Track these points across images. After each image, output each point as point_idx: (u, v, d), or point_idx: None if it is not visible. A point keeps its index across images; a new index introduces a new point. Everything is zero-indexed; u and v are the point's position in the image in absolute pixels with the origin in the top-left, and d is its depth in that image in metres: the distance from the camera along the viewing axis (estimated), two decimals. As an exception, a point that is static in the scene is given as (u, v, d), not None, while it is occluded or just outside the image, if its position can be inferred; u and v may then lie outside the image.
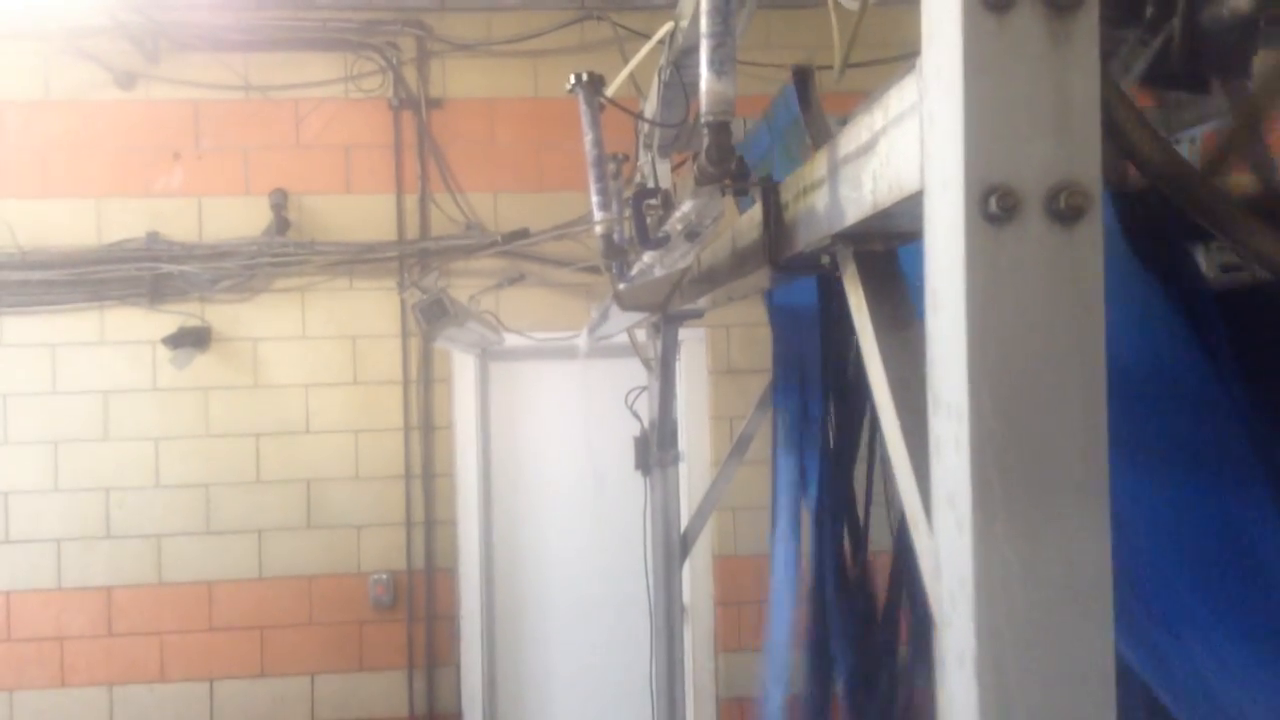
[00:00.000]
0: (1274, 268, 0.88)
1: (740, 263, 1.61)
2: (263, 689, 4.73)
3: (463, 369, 4.87)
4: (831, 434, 2.30)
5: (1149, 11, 1.40)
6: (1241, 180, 1.20)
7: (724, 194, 1.42)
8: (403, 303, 4.66)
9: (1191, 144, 2.09)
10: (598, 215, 2.69)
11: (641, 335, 3.34)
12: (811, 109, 1.66)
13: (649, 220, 2.14)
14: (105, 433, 4.69)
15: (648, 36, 2.35)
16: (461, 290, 4.65)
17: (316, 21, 4.76)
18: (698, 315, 2.89)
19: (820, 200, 1.08)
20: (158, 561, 4.70)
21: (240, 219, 4.75)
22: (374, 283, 4.81)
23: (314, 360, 4.78)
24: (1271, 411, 0.97)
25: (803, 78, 1.66)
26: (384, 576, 4.76)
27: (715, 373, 4.90)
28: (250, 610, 4.73)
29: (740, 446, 3.02)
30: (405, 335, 4.78)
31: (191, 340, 4.64)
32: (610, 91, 2.52)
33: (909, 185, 0.80)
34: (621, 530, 4.63)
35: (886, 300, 1.00)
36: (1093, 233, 0.67)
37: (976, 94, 0.67)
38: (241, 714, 4.72)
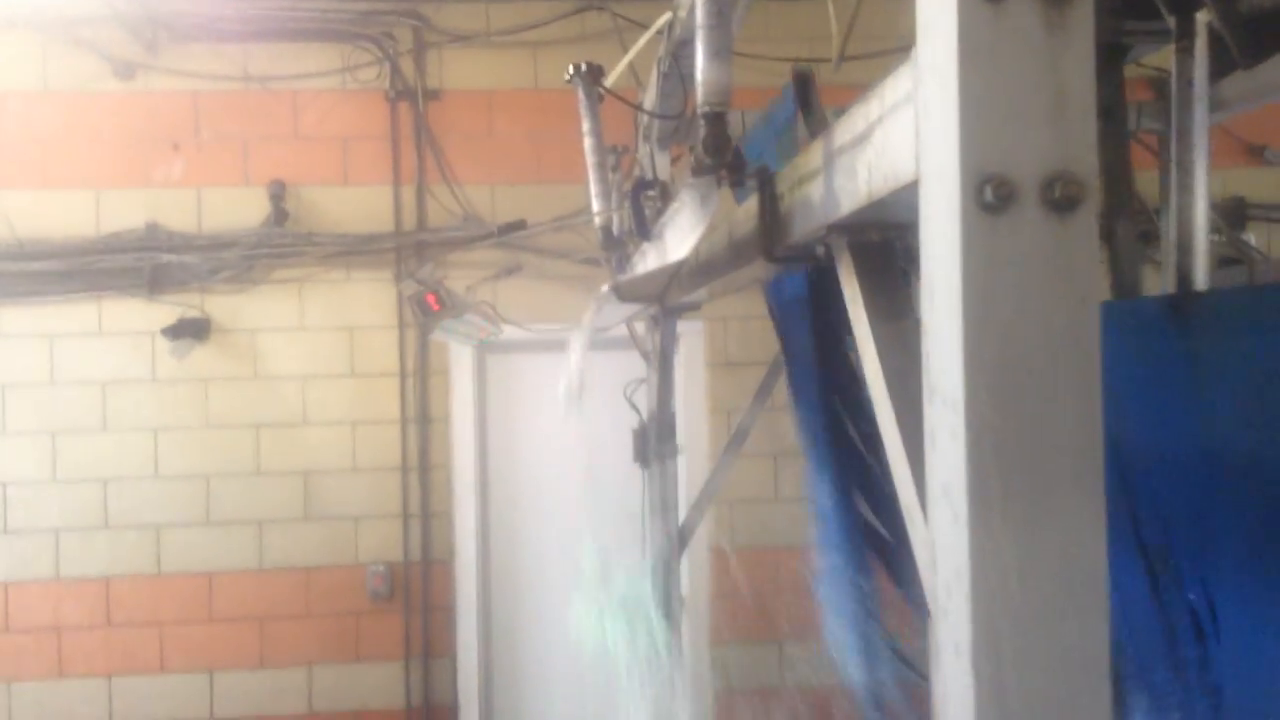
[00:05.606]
0: None
1: (737, 254, 1.60)
2: (262, 680, 4.74)
3: (460, 361, 4.86)
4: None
5: (1173, 20, 1.37)
6: None
7: (720, 185, 1.41)
8: (399, 294, 4.66)
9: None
10: (596, 207, 2.68)
11: (640, 328, 3.34)
12: (813, 112, 1.60)
13: (648, 212, 2.14)
14: (104, 423, 4.69)
15: (648, 27, 2.34)
16: (458, 281, 4.64)
17: (314, 11, 4.75)
18: (695, 307, 2.89)
19: (816, 191, 1.08)
20: (156, 552, 4.70)
21: (239, 210, 4.75)
22: (371, 274, 4.80)
23: (312, 352, 4.78)
24: None
25: (803, 81, 1.60)
26: (381, 568, 4.76)
27: (713, 365, 4.89)
28: (249, 601, 4.74)
29: (738, 439, 3.01)
30: (402, 327, 4.78)
31: (190, 331, 4.64)
32: (609, 82, 2.51)
33: (904, 175, 0.79)
34: (619, 523, 4.62)
35: (882, 290, 1.00)
36: (1088, 222, 0.67)
37: (971, 83, 0.66)
38: (240, 705, 4.73)
